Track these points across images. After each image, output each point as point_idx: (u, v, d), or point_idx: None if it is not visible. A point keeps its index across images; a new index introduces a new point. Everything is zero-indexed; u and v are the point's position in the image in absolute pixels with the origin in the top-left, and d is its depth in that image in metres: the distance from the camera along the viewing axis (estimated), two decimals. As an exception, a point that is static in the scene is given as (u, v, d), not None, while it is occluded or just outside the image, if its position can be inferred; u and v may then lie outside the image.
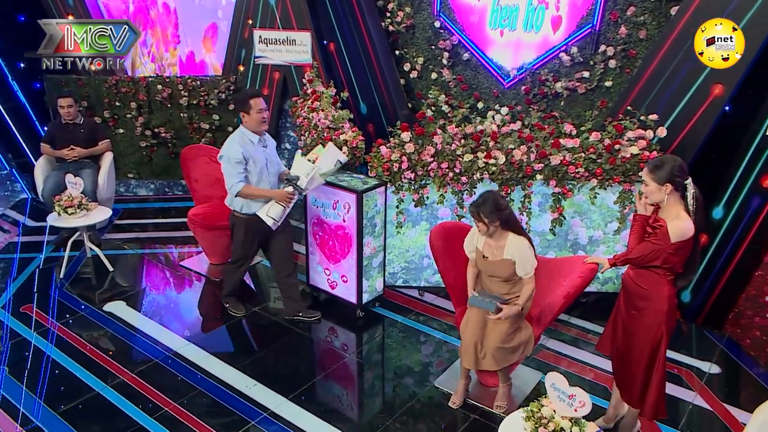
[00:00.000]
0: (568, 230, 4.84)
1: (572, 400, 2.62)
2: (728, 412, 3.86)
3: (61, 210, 5.22)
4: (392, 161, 4.75)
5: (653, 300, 3.08)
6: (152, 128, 7.40)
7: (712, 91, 4.62)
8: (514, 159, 4.63)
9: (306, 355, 4.63)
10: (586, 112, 5.34)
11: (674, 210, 3.00)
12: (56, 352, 4.46)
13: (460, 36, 5.99)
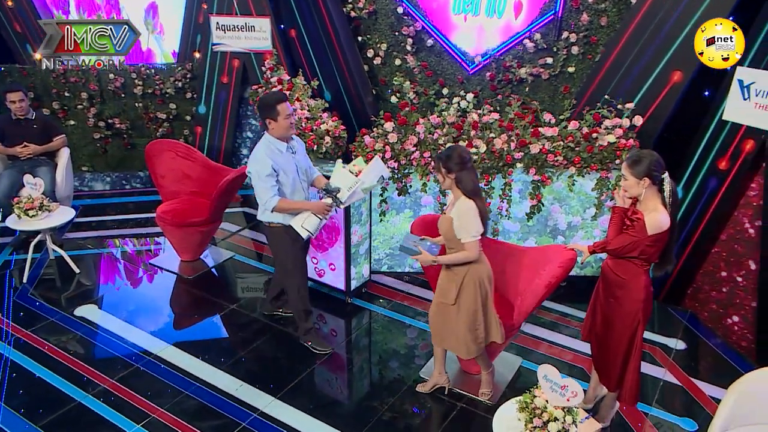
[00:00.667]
0: (548, 216, 5.03)
1: (564, 391, 2.76)
2: (696, 386, 4.13)
3: (21, 213, 5.03)
4: (376, 151, 4.86)
5: (630, 289, 3.26)
6: (106, 119, 7.18)
7: (672, 78, 4.84)
8: (494, 148, 4.78)
9: (291, 351, 4.60)
10: (564, 101, 5.49)
11: (651, 203, 3.16)
12: (30, 363, 4.32)
13: (423, 22, 6.03)
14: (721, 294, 5.04)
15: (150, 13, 7.51)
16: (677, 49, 4.78)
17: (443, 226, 3.50)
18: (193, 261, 5.64)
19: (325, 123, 5.11)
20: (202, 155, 5.76)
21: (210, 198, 5.48)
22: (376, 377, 4.41)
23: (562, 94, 5.51)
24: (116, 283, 5.52)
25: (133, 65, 7.13)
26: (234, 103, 7.06)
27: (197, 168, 5.67)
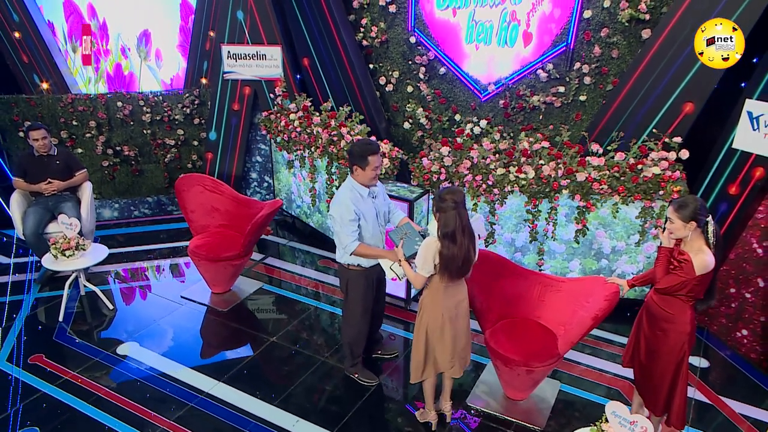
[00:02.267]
0: (593, 240, 5.28)
1: (634, 426, 2.98)
2: (725, 404, 4.41)
3: (58, 253, 5.04)
4: (432, 172, 5.25)
5: (677, 323, 3.50)
6: (114, 146, 7.16)
7: (684, 109, 5.12)
8: (542, 174, 5.05)
9: (339, 383, 4.69)
10: (575, 128, 5.74)
11: (696, 244, 3.40)
12: (83, 405, 4.34)
13: (435, 51, 6.21)
14: (730, 309, 5.37)
15: (143, 40, 7.48)
16: (689, 81, 5.03)
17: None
18: (224, 293, 5.70)
19: (381, 146, 5.43)
20: (229, 188, 5.81)
21: (238, 230, 5.59)
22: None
23: (574, 122, 5.77)
24: (152, 318, 5.48)
25: (141, 93, 7.13)
26: (245, 129, 7.15)
27: (225, 201, 5.75)
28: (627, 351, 3.97)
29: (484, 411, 4.28)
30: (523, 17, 5.71)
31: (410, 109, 6.41)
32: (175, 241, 6.89)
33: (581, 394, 4.51)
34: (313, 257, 6.60)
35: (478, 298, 4.20)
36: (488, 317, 4.27)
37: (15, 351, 4.95)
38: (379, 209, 4.22)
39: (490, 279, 4.04)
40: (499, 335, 4.17)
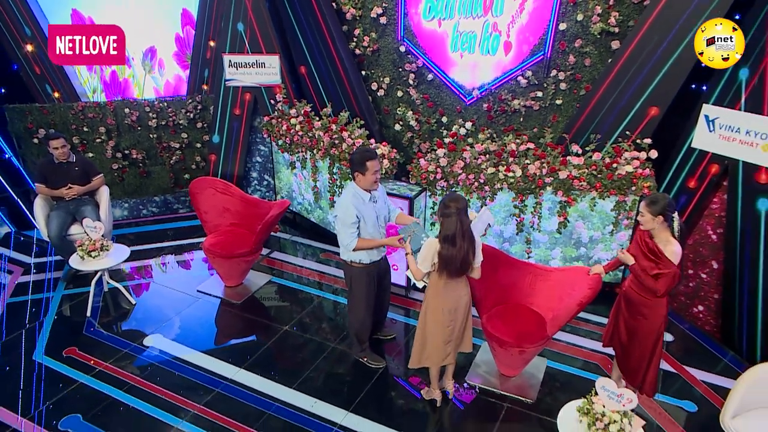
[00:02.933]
0: (573, 231, 5.60)
1: (621, 398, 3.31)
2: (688, 373, 4.81)
3: (84, 254, 5.21)
4: (429, 172, 5.55)
5: (655, 308, 3.85)
6: (122, 150, 7.28)
7: (649, 112, 5.43)
8: (528, 173, 5.38)
9: (350, 366, 4.89)
10: (552, 129, 6.00)
11: (663, 235, 3.75)
12: (118, 393, 4.52)
13: (423, 59, 6.42)
14: (688, 288, 5.76)
15: (149, 56, 7.57)
16: (654, 88, 5.32)
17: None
18: (236, 286, 5.91)
19: (378, 148, 5.76)
20: (238, 190, 6.02)
21: (248, 228, 5.81)
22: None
23: (551, 123, 6.07)
24: (172, 311, 5.65)
25: (147, 99, 7.24)
26: (246, 132, 7.33)
27: (235, 202, 5.96)
28: (607, 332, 4.31)
29: (481, 387, 4.60)
30: (504, 28, 5.94)
31: (400, 112, 6.64)
32: (183, 239, 7.06)
33: (565, 368, 4.87)
34: (314, 250, 6.85)
35: (477, 287, 4.48)
36: (485, 304, 4.60)
37: (51, 344, 5.09)
38: (380, 213, 4.40)
39: (487, 270, 4.34)
40: (494, 320, 4.50)
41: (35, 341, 5.11)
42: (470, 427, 4.28)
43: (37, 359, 4.89)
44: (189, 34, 7.56)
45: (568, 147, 5.63)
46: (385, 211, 4.51)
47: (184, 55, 7.62)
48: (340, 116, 6.31)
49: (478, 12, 6.00)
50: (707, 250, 5.53)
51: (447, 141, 6.06)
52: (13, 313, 5.51)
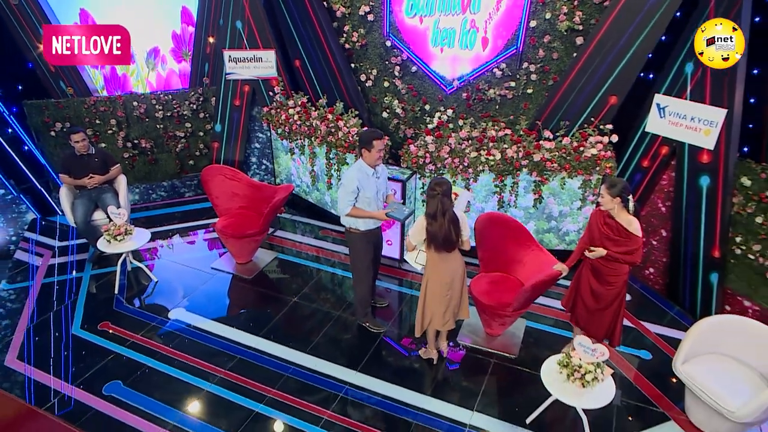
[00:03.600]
0: (545, 206, 5.88)
1: (594, 351, 3.62)
2: (643, 326, 5.18)
3: (110, 238, 5.33)
4: (418, 157, 5.75)
5: (620, 275, 4.16)
6: (132, 140, 7.32)
7: (609, 101, 5.67)
8: (507, 156, 5.62)
9: (355, 332, 5.07)
10: (524, 116, 6.22)
11: (623, 214, 4.03)
12: (151, 361, 4.68)
13: (408, 53, 6.55)
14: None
15: (152, 54, 7.53)
16: (613, 79, 5.54)
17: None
18: (247, 263, 6.08)
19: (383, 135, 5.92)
20: (245, 176, 6.15)
21: (255, 211, 5.96)
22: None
23: (523, 110, 6.31)
24: (191, 286, 5.76)
25: (153, 93, 7.25)
26: (245, 121, 7.41)
27: (243, 187, 6.09)
28: (568, 298, 4.54)
29: (470, 346, 4.88)
30: (481, 25, 6.08)
31: (387, 101, 6.79)
32: (192, 220, 7.13)
33: (540, 326, 5.18)
34: (313, 228, 7.03)
35: (485, 246, 4.86)
36: (486, 264, 4.94)
37: (87, 320, 5.22)
38: (380, 188, 4.64)
39: (496, 237, 4.71)
40: (483, 286, 4.79)
41: (72, 317, 5.24)
42: (463, 381, 4.54)
43: (76, 333, 5.03)
44: (185, 31, 7.53)
45: (540, 132, 5.89)
46: (385, 188, 4.73)
47: (180, 51, 7.61)
48: (336, 107, 6.46)
49: (456, 10, 6.13)
50: (657, 221, 5.88)
51: (431, 128, 6.27)
52: (49, 292, 5.62)
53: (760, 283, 5.17)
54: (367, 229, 4.71)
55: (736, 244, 5.31)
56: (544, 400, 4.00)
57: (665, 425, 4.09)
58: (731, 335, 4.07)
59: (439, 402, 4.29)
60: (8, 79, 6.54)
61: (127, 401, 4.28)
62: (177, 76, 7.77)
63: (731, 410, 3.71)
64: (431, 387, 4.45)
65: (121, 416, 4.14)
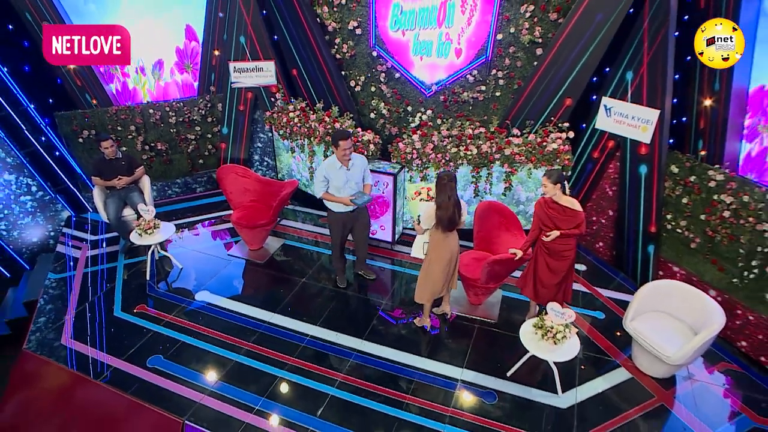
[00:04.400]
0: (515, 193, 6.20)
1: (563, 315, 3.99)
2: (596, 291, 5.58)
3: (141, 232, 5.48)
4: (406, 153, 6.00)
5: (571, 250, 4.43)
6: (149, 143, 7.38)
7: (565, 103, 5.99)
8: (482, 151, 5.90)
9: (358, 306, 5.31)
10: (494, 115, 6.49)
11: (564, 197, 4.30)
12: (185, 337, 4.86)
13: (392, 62, 6.74)
14: (592, 230, 6.44)
15: (157, 66, 7.51)
16: (568, 84, 5.82)
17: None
18: (259, 249, 6.25)
19: (365, 135, 6.17)
20: (254, 173, 6.30)
21: (265, 203, 6.12)
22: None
23: (492, 110, 6.59)
24: (211, 271, 5.88)
25: (167, 101, 7.31)
26: (249, 124, 7.53)
27: (252, 183, 6.24)
28: (524, 282, 4.73)
29: (455, 313, 5.19)
30: (455, 37, 6.28)
31: (374, 103, 6.97)
32: (204, 213, 7.24)
33: (514, 295, 5.49)
34: (313, 217, 7.22)
35: (481, 229, 5.22)
36: (478, 243, 5.28)
37: (124, 303, 5.36)
38: (351, 178, 4.95)
39: (492, 222, 5.07)
40: (466, 260, 5.09)
41: (113, 301, 5.40)
42: (453, 343, 4.83)
43: (118, 315, 5.20)
44: (187, 46, 7.49)
45: (510, 130, 6.19)
46: (359, 179, 5.04)
47: (183, 64, 7.60)
48: (332, 110, 6.65)
49: (433, 24, 6.32)
50: (605, 202, 6.23)
51: (414, 126, 6.52)
52: (90, 281, 5.74)
53: (685, 252, 5.61)
54: (339, 211, 5.13)
55: (668, 221, 5.73)
56: (522, 356, 4.39)
57: (617, 371, 4.53)
58: (667, 296, 4.51)
59: (433, 362, 4.61)
60: (41, 94, 6.54)
61: (168, 371, 4.48)
62: (177, 86, 7.70)
63: (668, 355, 4.16)
64: (426, 350, 4.76)
65: (164, 384, 4.37)
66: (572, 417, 4.08)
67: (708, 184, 5.31)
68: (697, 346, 4.02)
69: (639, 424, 4.03)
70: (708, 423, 4.06)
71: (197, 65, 7.52)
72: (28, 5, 6.22)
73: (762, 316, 4.87)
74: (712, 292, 5.19)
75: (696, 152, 5.56)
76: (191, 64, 7.57)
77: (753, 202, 4.94)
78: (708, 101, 5.37)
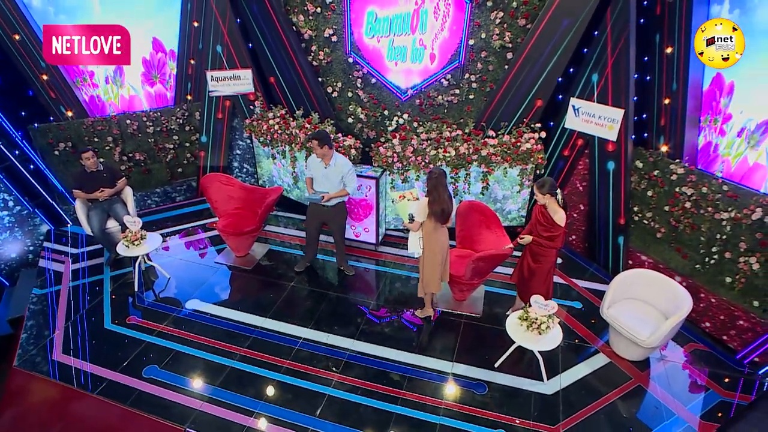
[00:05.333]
0: (492, 191, 6.39)
1: (546, 306, 4.20)
2: (574, 282, 5.83)
3: (128, 243, 5.45)
4: (387, 156, 6.13)
5: (549, 256, 4.58)
6: (127, 154, 7.30)
7: (536, 104, 6.20)
8: (460, 152, 6.07)
9: (347, 308, 5.38)
10: (468, 117, 6.63)
11: (553, 206, 4.43)
12: (179, 346, 4.84)
13: (368, 68, 6.84)
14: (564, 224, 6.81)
15: (117, 73, 7.25)
16: (539, 86, 6.03)
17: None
18: (245, 256, 6.25)
19: (346, 140, 6.33)
20: (238, 181, 6.31)
21: (250, 210, 6.13)
22: (399, 296, 5.45)
23: (466, 112, 6.79)
24: (199, 279, 5.85)
25: (144, 111, 7.24)
26: (227, 132, 7.52)
27: (236, 190, 6.23)
28: (515, 271, 4.97)
29: (442, 310, 5.35)
30: (428, 43, 6.42)
31: (351, 108, 7.07)
32: (186, 222, 7.14)
33: (495, 289, 5.70)
34: (295, 221, 7.23)
35: (463, 227, 5.40)
36: (461, 241, 5.46)
37: (114, 315, 5.29)
38: (329, 175, 5.28)
39: (473, 221, 5.26)
40: (452, 261, 5.20)
41: (102, 314, 5.33)
42: (441, 339, 4.96)
43: (108, 327, 5.14)
44: (153, 57, 7.33)
45: (485, 132, 6.40)
46: (336, 180, 5.34)
47: (150, 74, 7.48)
48: (313, 116, 6.73)
49: (407, 31, 6.46)
50: (577, 197, 6.52)
51: (391, 129, 6.67)
52: (76, 294, 5.65)
53: (652, 241, 5.95)
54: (310, 199, 5.47)
55: (635, 213, 6.07)
56: (507, 348, 4.59)
57: (596, 357, 4.79)
58: (639, 284, 4.79)
59: (424, 357, 4.75)
60: (13, 106, 6.38)
61: (165, 381, 4.48)
62: (150, 97, 7.55)
63: (643, 339, 4.44)
64: (416, 346, 4.91)
65: (162, 394, 4.37)
66: (558, 402, 4.31)
67: (670, 178, 5.65)
68: (669, 329, 4.30)
69: (619, 405, 4.29)
70: (681, 400, 4.36)
71: (164, 75, 7.45)
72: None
73: (723, 298, 5.23)
74: (677, 278, 5.54)
75: (657, 148, 5.89)
76: (158, 75, 7.47)
77: (711, 192, 5.30)
78: (667, 100, 5.71)
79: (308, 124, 6.73)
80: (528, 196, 6.47)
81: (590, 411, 4.23)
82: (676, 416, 4.20)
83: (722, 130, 5.38)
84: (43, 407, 4.42)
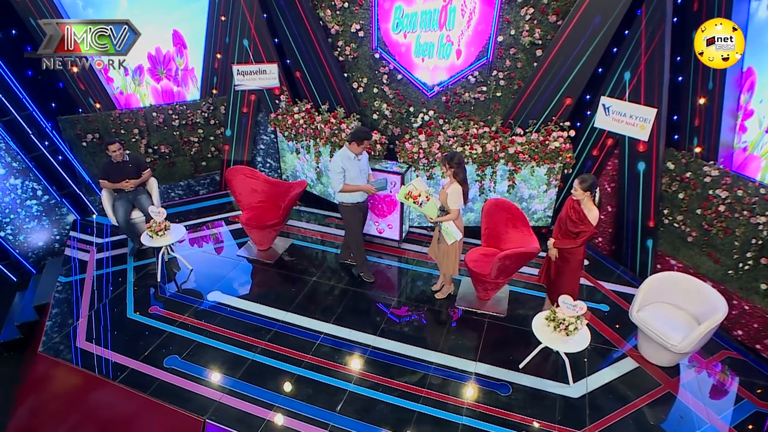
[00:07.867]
0: (518, 190, 6.29)
1: (575, 308, 4.08)
2: (600, 285, 5.69)
3: (153, 233, 5.48)
4: (413, 152, 6.04)
5: (576, 254, 4.50)
6: (153, 146, 7.36)
7: (565, 102, 6.10)
8: (487, 150, 5.98)
9: (370, 304, 5.30)
10: (495, 115, 6.53)
11: (588, 204, 4.34)
12: (200, 337, 4.84)
13: (394, 63, 6.78)
14: (596, 224, 6.63)
15: (137, 72, 7.31)
16: (568, 84, 5.94)
17: (442, 197, 4.79)
18: (267, 250, 6.25)
19: (372, 136, 6.25)
20: (262, 174, 6.29)
21: (273, 204, 6.12)
22: (421, 295, 5.41)
23: (493, 110, 6.69)
24: (221, 272, 5.86)
25: (170, 104, 7.29)
26: (252, 126, 7.53)
27: (260, 184, 6.22)
28: (540, 272, 4.93)
29: (466, 309, 5.28)
30: (455, 39, 6.33)
31: (377, 104, 7.02)
32: (208, 215, 7.17)
33: (520, 290, 5.60)
34: (318, 217, 7.24)
35: (489, 225, 5.32)
36: (486, 239, 5.38)
37: (137, 305, 5.33)
38: (362, 168, 5.20)
39: (499, 219, 5.19)
40: (475, 256, 5.18)
41: (125, 303, 5.37)
42: (465, 338, 4.89)
43: (131, 316, 5.18)
44: (159, 52, 7.28)
45: (513, 129, 6.29)
46: (367, 168, 5.32)
47: (156, 70, 7.44)
48: (338, 111, 6.70)
49: (435, 27, 6.39)
50: (605, 199, 6.35)
51: (417, 126, 6.59)
52: (100, 283, 5.70)
53: (682, 245, 5.77)
54: (355, 201, 5.25)
55: (665, 216, 5.89)
56: (532, 349, 4.48)
57: (624, 361, 4.65)
58: (669, 287, 4.64)
59: (447, 356, 4.68)
60: (43, 98, 6.48)
61: (186, 371, 4.48)
62: (156, 92, 7.56)
63: (674, 344, 4.29)
64: (439, 344, 4.83)
65: (182, 384, 4.37)
66: (584, 406, 4.19)
67: (704, 180, 5.47)
68: (702, 334, 4.15)
69: (648, 412, 4.15)
70: (713, 409, 4.20)
71: (170, 71, 7.45)
72: (32, 10, 6.17)
73: (757, 305, 5.04)
74: (708, 283, 5.34)
75: (691, 149, 5.72)
76: (164, 71, 7.47)
77: (747, 196, 5.11)
78: (702, 99, 5.53)
79: (333, 118, 6.69)
80: (554, 196, 6.34)
81: (618, 416, 4.10)
82: (708, 425, 4.05)
83: (743, 126, 5.21)
84: (64, 393, 4.46)
